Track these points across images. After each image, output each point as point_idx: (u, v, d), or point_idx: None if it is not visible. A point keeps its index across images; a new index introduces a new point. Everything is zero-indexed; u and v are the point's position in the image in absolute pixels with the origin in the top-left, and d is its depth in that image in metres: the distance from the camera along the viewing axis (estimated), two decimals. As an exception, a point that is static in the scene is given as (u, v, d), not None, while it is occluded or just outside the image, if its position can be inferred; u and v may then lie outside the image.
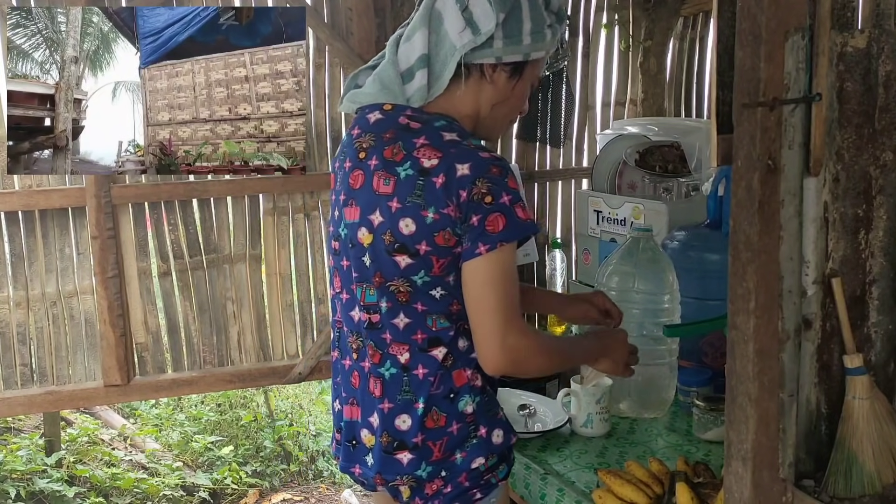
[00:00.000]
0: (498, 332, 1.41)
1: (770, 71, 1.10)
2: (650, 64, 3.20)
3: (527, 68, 1.54)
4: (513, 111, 1.60)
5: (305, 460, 4.05)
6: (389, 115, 1.51)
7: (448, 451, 1.49)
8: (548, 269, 2.89)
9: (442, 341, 1.47)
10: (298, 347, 2.90)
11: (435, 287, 1.45)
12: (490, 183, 1.39)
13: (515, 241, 1.41)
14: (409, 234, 1.42)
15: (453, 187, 1.39)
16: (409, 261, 1.43)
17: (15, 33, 2.48)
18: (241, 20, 2.57)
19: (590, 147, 3.18)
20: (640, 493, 1.57)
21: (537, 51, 1.52)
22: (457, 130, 1.47)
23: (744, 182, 1.14)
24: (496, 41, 1.48)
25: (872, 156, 1.19)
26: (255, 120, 2.63)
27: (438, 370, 1.48)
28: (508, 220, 1.39)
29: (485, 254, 1.39)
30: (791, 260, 1.16)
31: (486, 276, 1.40)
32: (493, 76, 1.52)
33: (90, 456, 3.78)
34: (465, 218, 1.40)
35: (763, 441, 1.18)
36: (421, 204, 1.41)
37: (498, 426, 1.53)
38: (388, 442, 1.50)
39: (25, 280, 2.63)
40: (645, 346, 2.01)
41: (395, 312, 1.47)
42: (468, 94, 1.52)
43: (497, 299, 1.41)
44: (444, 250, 1.42)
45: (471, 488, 1.50)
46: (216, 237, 2.80)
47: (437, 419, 1.48)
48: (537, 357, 1.47)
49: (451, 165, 1.40)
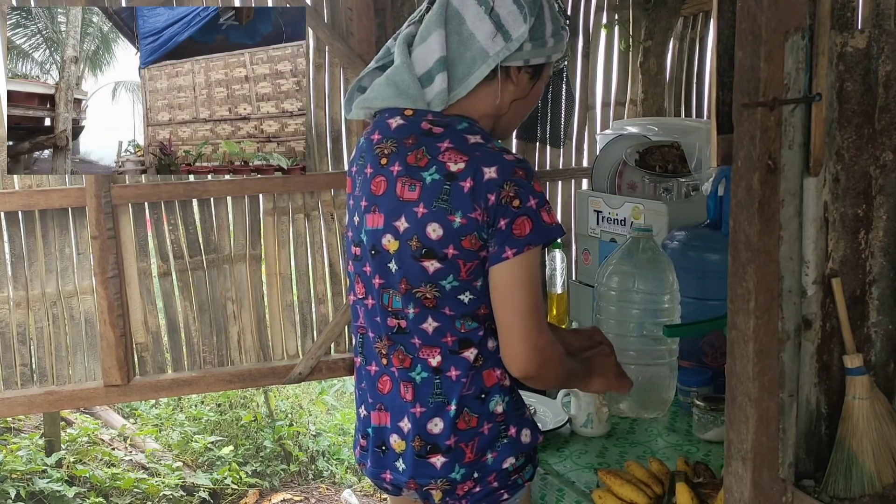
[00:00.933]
0: (531, 333, 1.42)
1: (770, 71, 1.10)
2: (650, 64, 3.20)
3: (545, 69, 1.57)
4: (528, 109, 1.61)
5: (305, 460, 4.05)
6: (411, 121, 1.49)
7: (480, 451, 1.50)
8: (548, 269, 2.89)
9: (472, 342, 1.48)
10: (298, 347, 2.90)
11: (463, 292, 1.45)
12: (517, 186, 1.39)
13: (541, 244, 1.42)
14: (437, 238, 1.41)
15: (481, 191, 1.39)
16: (438, 265, 1.43)
17: (15, 33, 2.48)
18: (241, 20, 2.57)
19: (590, 147, 3.18)
20: (640, 493, 1.57)
21: (557, 52, 1.55)
22: (479, 132, 1.47)
23: (744, 182, 1.14)
24: (525, 44, 1.49)
25: (872, 156, 1.19)
26: (255, 120, 2.63)
27: (470, 370, 1.48)
28: (535, 224, 1.40)
29: (512, 258, 1.40)
30: (791, 260, 1.16)
31: (515, 279, 1.41)
32: (518, 77, 1.52)
33: (90, 456, 3.78)
34: (494, 221, 1.40)
35: (763, 441, 1.18)
36: (447, 209, 1.40)
37: (526, 426, 1.55)
38: (420, 446, 1.50)
39: (25, 280, 2.63)
40: (645, 346, 2.02)
41: (423, 318, 1.47)
42: (490, 95, 1.52)
43: (527, 302, 1.42)
44: (471, 254, 1.42)
45: (499, 489, 1.51)
46: (216, 237, 2.80)
47: (469, 420, 1.49)
48: (559, 365, 1.49)
49: (477, 169, 1.39)
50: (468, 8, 1.47)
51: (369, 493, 3.80)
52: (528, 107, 1.60)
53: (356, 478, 3.98)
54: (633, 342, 2.01)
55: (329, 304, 2.91)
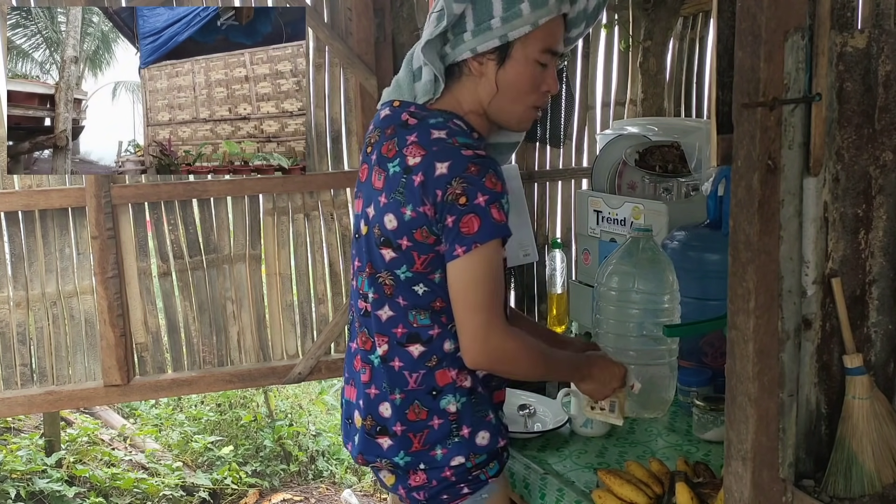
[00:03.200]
0: (480, 331, 1.42)
1: (770, 71, 1.10)
2: (650, 64, 3.20)
3: (514, 50, 1.48)
4: (521, 95, 1.52)
5: (305, 460, 4.05)
6: (395, 112, 1.54)
7: (428, 444, 1.52)
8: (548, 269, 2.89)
9: (420, 338, 1.50)
10: (298, 347, 2.90)
11: (417, 283, 1.47)
12: (466, 183, 1.38)
13: (491, 242, 1.40)
14: (392, 228, 1.46)
15: (430, 186, 1.40)
16: (393, 255, 1.47)
17: (15, 33, 2.48)
18: (241, 20, 2.57)
19: (590, 147, 3.18)
20: (640, 493, 1.57)
21: (515, 29, 1.46)
22: (448, 128, 1.47)
23: (744, 182, 1.14)
24: (466, 34, 1.47)
25: (872, 156, 1.19)
26: (255, 120, 2.63)
27: (418, 367, 1.51)
28: (483, 222, 1.38)
29: (462, 255, 1.40)
30: (791, 260, 1.16)
31: (466, 276, 1.41)
32: (480, 69, 1.50)
33: (90, 456, 3.78)
34: (441, 218, 1.41)
35: (763, 441, 1.18)
36: (401, 201, 1.44)
37: (485, 428, 1.54)
38: (371, 425, 1.56)
39: (25, 280, 2.63)
40: (645, 346, 2.02)
41: (381, 304, 1.52)
42: (466, 91, 1.52)
43: (478, 299, 1.42)
44: (425, 247, 1.44)
45: (457, 483, 1.53)
46: (216, 237, 2.80)
47: (419, 413, 1.52)
48: (520, 360, 1.48)
49: (430, 164, 1.41)
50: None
51: (369, 494, 3.80)
52: (508, 96, 1.52)
53: (356, 478, 3.98)
54: (633, 342, 2.01)
55: (329, 304, 2.91)
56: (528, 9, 1.45)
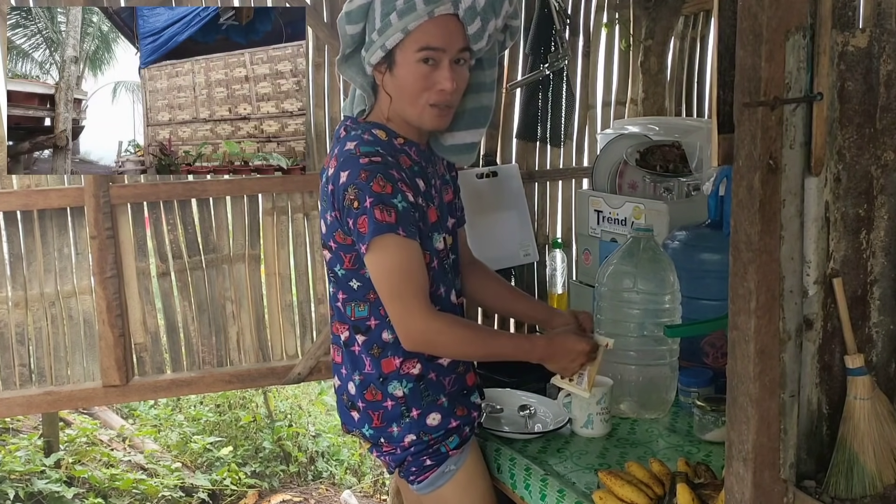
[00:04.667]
0: (399, 317, 1.60)
1: (771, 70, 1.10)
2: (651, 63, 3.19)
3: (396, 56, 1.62)
4: (413, 93, 1.63)
5: (305, 461, 4.05)
6: (341, 127, 1.75)
7: (385, 422, 1.71)
8: (548, 269, 2.89)
9: (360, 329, 1.70)
10: (298, 348, 2.90)
11: (351, 279, 1.68)
12: (357, 189, 1.56)
13: (383, 237, 1.55)
14: (324, 232, 1.70)
15: (337, 193, 1.60)
16: (329, 255, 1.71)
17: (15, 33, 2.47)
18: (241, 20, 2.57)
19: (590, 147, 3.17)
20: (641, 494, 1.57)
21: (389, 38, 1.59)
22: (359, 139, 1.64)
23: (745, 182, 1.14)
24: (361, 52, 1.65)
25: (874, 155, 1.19)
26: (255, 120, 2.62)
27: (367, 354, 1.70)
28: (369, 221, 1.55)
29: (366, 252, 1.59)
30: (792, 260, 1.16)
31: (376, 270, 1.60)
32: (381, 79, 1.66)
33: (89, 457, 3.77)
34: (344, 221, 1.61)
35: (764, 441, 1.18)
36: (326, 207, 1.67)
37: (435, 411, 1.71)
38: (346, 400, 1.78)
39: (24, 280, 2.63)
40: (646, 346, 2.01)
41: (335, 298, 1.75)
42: (383, 101, 1.69)
43: (391, 289, 1.59)
44: (347, 247, 1.65)
45: (419, 454, 1.72)
46: (215, 237, 2.79)
47: (375, 394, 1.71)
48: (448, 341, 1.63)
49: (337, 174, 1.61)
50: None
51: (369, 494, 3.80)
52: (402, 96, 1.64)
53: (356, 478, 3.97)
54: (633, 342, 2.01)
55: (329, 304, 2.90)
56: (395, 18, 1.58)
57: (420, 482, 1.75)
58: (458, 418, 1.73)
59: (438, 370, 1.72)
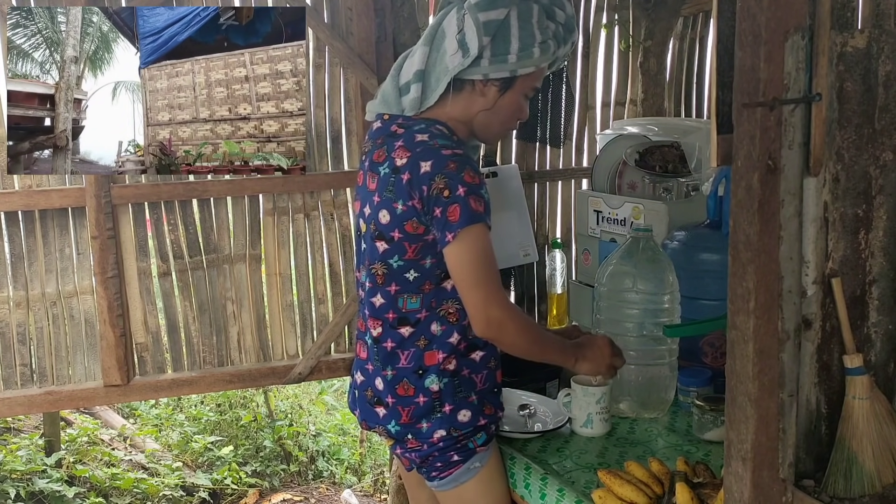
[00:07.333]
0: (481, 304, 1.61)
1: (770, 71, 1.10)
2: (650, 64, 3.20)
3: (517, 82, 1.73)
4: (507, 119, 1.78)
5: (305, 460, 4.05)
6: (385, 124, 1.75)
7: (415, 418, 1.72)
8: (548, 269, 2.89)
9: (409, 321, 1.71)
10: (298, 348, 2.90)
11: (409, 270, 1.68)
12: (447, 178, 1.58)
13: (474, 226, 1.58)
14: (386, 223, 1.67)
15: (417, 183, 1.61)
16: (386, 246, 1.68)
17: (15, 33, 2.48)
18: (241, 20, 2.57)
19: (590, 147, 3.18)
20: (640, 494, 1.57)
21: (525, 67, 1.70)
22: (430, 132, 1.67)
23: (744, 182, 1.14)
24: (483, 60, 1.68)
25: (872, 156, 1.19)
26: (255, 120, 2.63)
27: (409, 347, 1.71)
28: (463, 210, 1.58)
29: (452, 241, 1.59)
30: (791, 260, 1.16)
31: (461, 258, 1.61)
32: (483, 89, 1.72)
33: (90, 456, 3.78)
34: (429, 210, 1.61)
35: (763, 441, 1.18)
36: (392, 198, 1.65)
37: (466, 408, 1.73)
38: (371, 396, 1.79)
39: (25, 280, 2.63)
40: (645, 346, 2.02)
41: (374, 292, 1.73)
42: (458, 103, 1.73)
43: (474, 277, 1.61)
44: (415, 237, 1.65)
45: (446, 450, 1.73)
46: (216, 237, 2.80)
47: (407, 389, 1.72)
48: (516, 332, 1.65)
49: (415, 163, 1.62)
50: (449, 29, 1.69)
51: (369, 494, 3.80)
52: (505, 118, 1.77)
53: (356, 478, 3.98)
54: (633, 342, 2.01)
55: (329, 304, 2.91)
56: (538, 53, 1.70)
57: (443, 478, 1.75)
58: (486, 416, 1.76)
59: (471, 367, 1.75)
